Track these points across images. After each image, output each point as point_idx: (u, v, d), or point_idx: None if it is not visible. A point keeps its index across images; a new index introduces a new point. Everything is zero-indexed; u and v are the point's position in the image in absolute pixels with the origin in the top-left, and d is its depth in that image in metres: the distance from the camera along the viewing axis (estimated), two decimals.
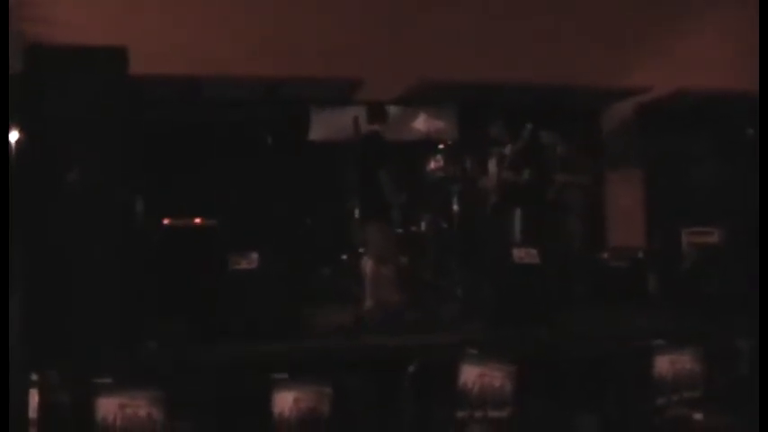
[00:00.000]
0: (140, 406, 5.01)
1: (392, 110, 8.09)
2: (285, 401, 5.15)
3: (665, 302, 7.32)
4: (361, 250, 7.85)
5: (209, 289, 6.08)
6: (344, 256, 9.09)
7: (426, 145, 9.51)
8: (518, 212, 7.97)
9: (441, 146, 8.87)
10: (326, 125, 9.55)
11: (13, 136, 5.70)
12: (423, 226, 8.59)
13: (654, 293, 7.88)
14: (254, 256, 5.98)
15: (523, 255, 6.49)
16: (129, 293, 5.62)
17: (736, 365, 6.07)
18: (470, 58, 8.71)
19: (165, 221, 7.26)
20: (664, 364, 5.88)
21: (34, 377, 4.89)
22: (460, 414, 5.43)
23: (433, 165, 8.98)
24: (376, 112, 7.54)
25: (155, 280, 6.51)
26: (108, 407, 4.92)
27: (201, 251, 7.03)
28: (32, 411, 4.83)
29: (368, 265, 7.72)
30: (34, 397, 4.85)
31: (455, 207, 8.84)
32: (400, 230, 8.28)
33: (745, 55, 9.30)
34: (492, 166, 8.07)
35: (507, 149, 8.03)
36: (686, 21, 9.40)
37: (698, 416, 5.63)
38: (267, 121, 7.99)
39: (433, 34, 8.77)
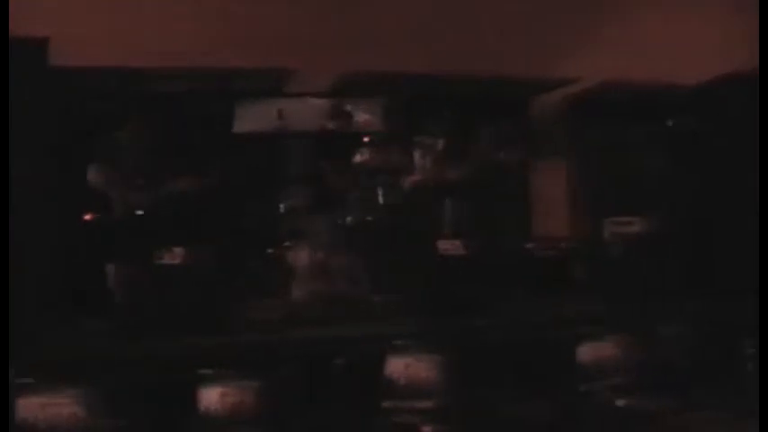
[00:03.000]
0: (63, 405, 4.92)
1: (320, 102, 8.04)
2: (211, 397, 5.11)
3: (589, 291, 7.42)
4: (287, 244, 7.82)
5: (133, 284, 5.99)
6: (270, 250, 9.05)
7: (354, 137, 9.51)
8: (446, 204, 8.00)
9: (368, 138, 8.86)
10: (252, 117, 9.46)
11: None
12: (350, 219, 8.58)
13: (579, 282, 7.99)
14: (179, 250, 5.90)
15: (449, 246, 6.53)
16: (48, 290, 5.52)
17: (657, 352, 6.20)
18: (399, 50, 8.71)
19: (87, 216, 7.13)
20: (588, 352, 5.97)
21: None
22: (387, 404, 5.45)
23: (360, 157, 8.98)
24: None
25: (77, 276, 6.40)
26: (29, 407, 4.82)
27: (125, 245, 6.94)
28: None
29: (295, 258, 7.72)
30: None
31: (382, 200, 8.86)
32: (329, 223, 8.27)
33: (673, 46, 9.51)
34: (419, 158, 8.08)
35: (435, 142, 8.05)
36: (616, 13, 9.53)
37: (621, 402, 5.73)
38: (193, 112, 7.85)
39: (362, 26, 8.75)
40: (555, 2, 9.42)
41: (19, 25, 5.73)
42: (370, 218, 8.85)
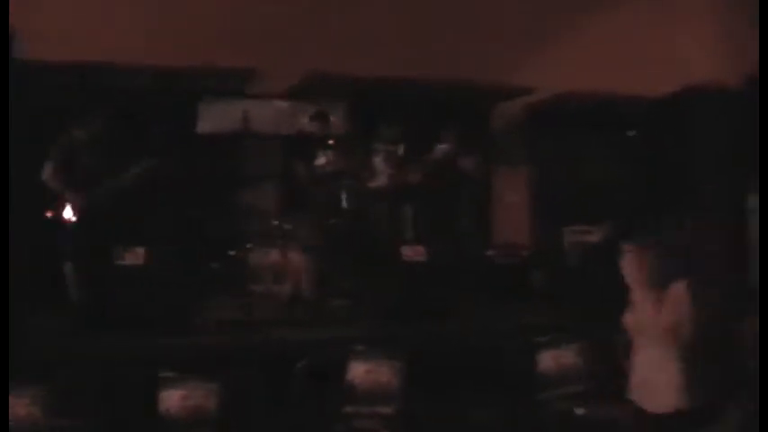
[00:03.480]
0: (19, 405, 4.86)
1: (281, 103, 8.04)
2: (171, 399, 5.07)
3: (548, 299, 7.48)
4: (249, 245, 7.79)
5: (93, 284, 5.92)
6: (232, 252, 9.00)
7: (317, 140, 9.49)
8: (407, 210, 8.03)
9: (330, 141, 8.86)
10: (215, 117, 9.42)
11: None
12: (312, 221, 8.57)
13: (538, 290, 8.06)
14: (140, 251, 5.85)
15: (411, 252, 6.55)
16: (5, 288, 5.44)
17: (615, 360, 6.25)
18: (362, 54, 8.73)
19: (48, 214, 7.03)
20: (547, 360, 6.02)
21: None
22: (348, 409, 5.45)
23: (322, 160, 8.97)
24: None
25: (37, 274, 6.33)
26: None
27: (85, 244, 6.87)
28: None
29: (258, 259, 7.70)
30: None
31: (344, 204, 8.85)
32: (291, 225, 8.25)
33: (632, 58, 9.62)
34: (381, 162, 8.09)
35: (397, 146, 8.07)
36: (577, 22, 9.62)
37: (579, 410, 5.78)
38: (156, 111, 7.80)
39: (326, 28, 8.76)
40: (517, 11, 9.51)
41: None
42: (332, 221, 8.86)
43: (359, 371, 5.48)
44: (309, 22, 8.66)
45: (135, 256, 5.89)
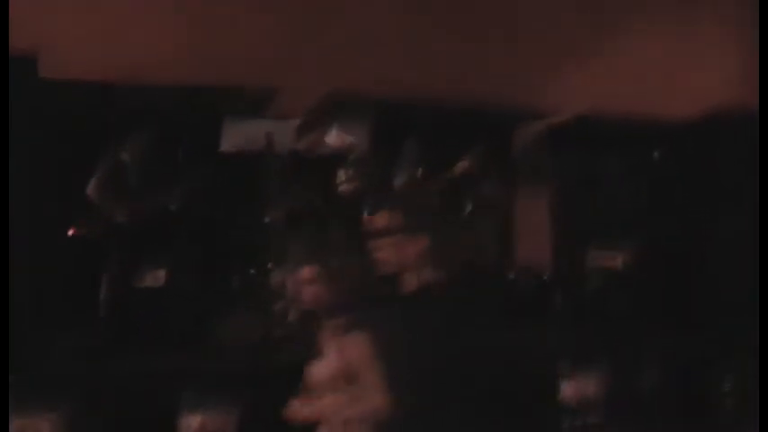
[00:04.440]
0: (40, 425, 4.87)
1: (304, 121, 8.03)
2: (191, 424, 5.06)
3: (570, 324, 7.42)
4: (269, 265, 7.78)
5: (113, 305, 5.91)
6: (253, 270, 8.98)
7: (337, 159, 9.49)
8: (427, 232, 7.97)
9: (352, 160, 8.86)
10: (238, 136, 9.44)
11: None
12: (334, 242, 8.54)
13: (559, 315, 7.99)
14: (161, 273, 5.83)
15: (428, 276, 6.46)
16: (25, 308, 5.46)
17: (639, 389, 6.21)
18: (383, 74, 8.71)
19: (70, 232, 7.07)
20: (568, 386, 5.97)
21: None
22: None
23: (343, 180, 8.97)
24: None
25: (55, 294, 6.34)
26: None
27: (106, 264, 6.89)
28: None
29: (282, 280, 7.66)
30: None
31: (364, 225, 8.83)
32: (313, 245, 8.22)
33: (656, 79, 9.56)
34: (403, 183, 8.07)
35: (418, 168, 8.04)
36: (600, 44, 9.56)
37: None
38: (179, 129, 7.80)
39: (350, 48, 8.75)
40: (541, 32, 9.46)
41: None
42: (352, 241, 8.84)
43: None
44: (332, 42, 8.65)
45: (156, 278, 5.87)
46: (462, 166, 8.10)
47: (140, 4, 7.94)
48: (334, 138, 9.86)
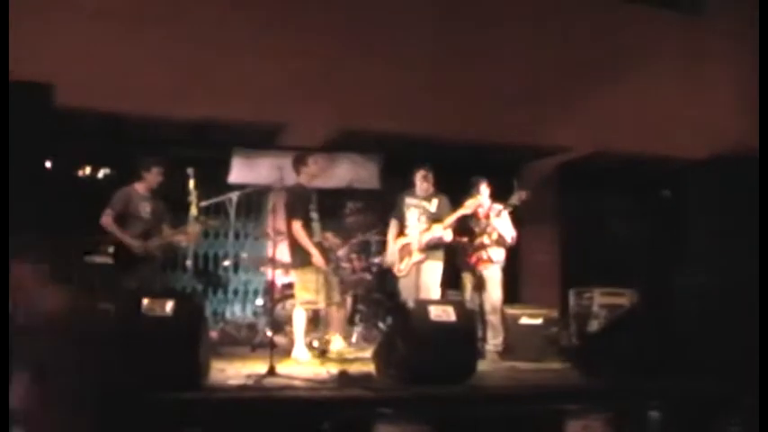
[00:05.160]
0: None
1: (316, 156, 8.07)
2: None
3: (577, 363, 7.37)
4: (277, 297, 7.79)
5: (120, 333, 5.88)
6: (261, 302, 9.00)
7: (348, 193, 9.55)
8: (438, 268, 7.98)
9: (363, 196, 8.93)
10: (248, 168, 9.51)
11: None
12: (342, 275, 8.57)
13: (566, 353, 7.96)
14: (170, 304, 5.81)
15: (441, 313, 6.46)
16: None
17: (646, 429, 6.15)
18: (396, 111, 8.76)
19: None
20: (575, 428, 5.91)
21: None
22: None
23: (353, 214, 9.01)
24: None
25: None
26: None
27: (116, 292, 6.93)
28: None
29: (289, 313, 7.67)
30: None
31: (375, 260, 8.86)
32: (321, 278, 8.25)
33: (665, 119, 9.60)
34: (413, 216, 8.07)
35: (430, 202, 8.05)
36: (606, 83, 9.61)
37: None
38: (190, 162, 7.85)
39: (361, 84, 8.79)
40: (551, 70, 9.50)
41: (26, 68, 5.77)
42: (361, 276, 8.84)
43: None
44: (345, 78, 8.69)
45: (163, 308, 5.83)
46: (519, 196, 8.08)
47: (156, 36, 8.01)
48: (345, 172, 9.94)
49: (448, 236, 7.93)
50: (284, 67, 8.44)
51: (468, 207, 7.94)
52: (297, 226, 7.41)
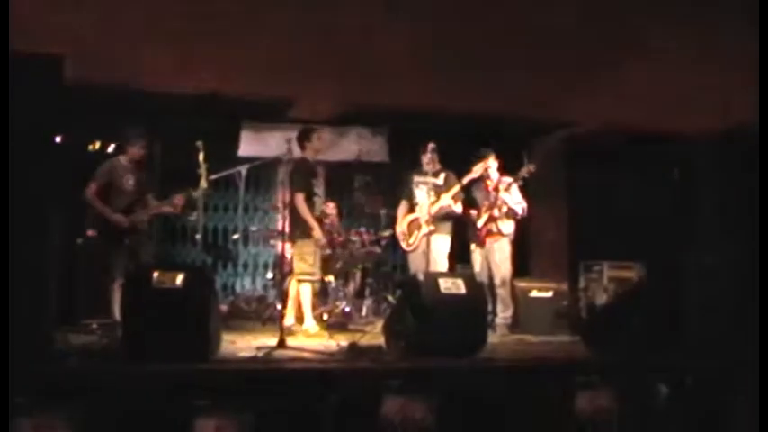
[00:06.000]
0: (55, 428, 4.86)
1: (320, 132, 8.08)
2: (206, 429, 5.05)
3: (585, 336, 7.38)
4: (286, 270, 7.81)
5: (130, 306, 5.90)
6: (270, 276, 9.02)
7: (357, 167, 9.55)
8: (446, 241, 7.99)
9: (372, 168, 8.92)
10: (257, 142, 9.51)
11: None
12: (350, 251, 8.58)
13: (575, 326, 7.97)
14: (180, 276, 5.82)
15: (450, 285, 6.47)
16: (44, 309, 5.48)
17: (653, 402, 6.17)
18: (402, 84, 8.70)
19: (89, 233, 7.15)
20: (583, 401, 5.93)
21: None
22: None
23: (362, 188, 9.01)
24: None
25: (75, 295, 6.36)
26: (22, 428, 4.76)
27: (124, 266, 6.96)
28: None
29: (292, 286, 7.70)
30: None
31: (384, 233, 8.87)
32: (327, 251, 8.26)
33: (678, 95, 9.51)
34: (422, 193, 8.08)
35: (437, 177, 8.05)
36: (618, 58, 9.52)
37: None
38: (198, 133, 7.85)
39: (367, 60, 8.74)
40: (559, 45, 9.42)
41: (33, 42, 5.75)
42: (370, 249, 8.85)
43: (393, 406, 5.43)
44: (351, 52, 8.64)
45: (173, 280, 5.85)
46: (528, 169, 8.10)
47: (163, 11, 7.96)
48: (353, 145, 9.93)
49: (458, 208, 7.97)
50: (293, 41, 8.39)
51: (476, 171, 7.97)
52: (299, 198, 7.49)
